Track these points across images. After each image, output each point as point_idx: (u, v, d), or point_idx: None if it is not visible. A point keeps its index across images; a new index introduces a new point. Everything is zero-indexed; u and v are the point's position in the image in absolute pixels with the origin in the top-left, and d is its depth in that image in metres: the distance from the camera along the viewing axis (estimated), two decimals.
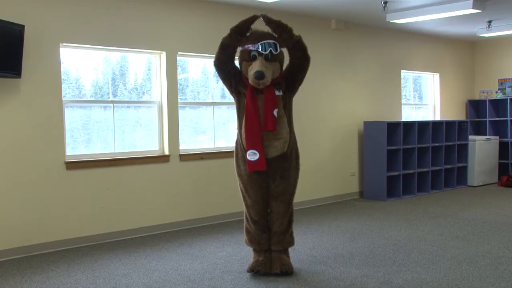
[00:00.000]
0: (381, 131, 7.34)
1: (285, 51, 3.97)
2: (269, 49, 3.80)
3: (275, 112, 3.81)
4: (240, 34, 3.87)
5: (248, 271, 3.97)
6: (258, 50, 3.79)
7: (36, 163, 4.77)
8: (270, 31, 3.95)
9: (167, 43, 5.64)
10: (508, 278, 3.79)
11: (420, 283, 3.71)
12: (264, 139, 3.83)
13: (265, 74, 3.72)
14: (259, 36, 3.86)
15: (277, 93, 3.88)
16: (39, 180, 4.79)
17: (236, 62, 4.01)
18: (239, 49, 3.92)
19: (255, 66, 3.75)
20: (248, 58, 3.83)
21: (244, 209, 4.07)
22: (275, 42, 3.85)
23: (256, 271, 3.94)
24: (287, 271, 3.91)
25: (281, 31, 3.91)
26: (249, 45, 3.82)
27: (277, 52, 3.85)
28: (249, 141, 3.82)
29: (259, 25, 4.02)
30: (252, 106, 3.80)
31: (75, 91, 5.28)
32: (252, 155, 3.81)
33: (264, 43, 3.80)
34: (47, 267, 4.32)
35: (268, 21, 3.93)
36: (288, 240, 4.02)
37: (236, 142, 4.06)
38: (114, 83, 5.51)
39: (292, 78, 3.99)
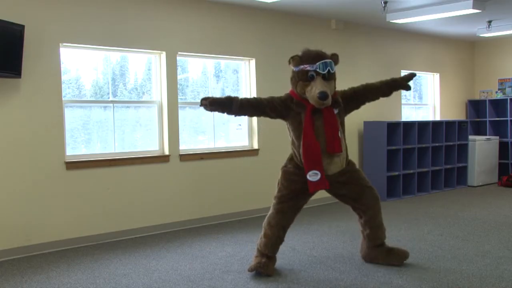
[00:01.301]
0: (381, 131, 7.34)
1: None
2: (327, 69, 3.80)
3: (340, 134, 3.88)
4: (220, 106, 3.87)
5: (249, 271, 3.98)
6: (317, 70, 3.77)
7: (36, 163, 4.77)
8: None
9: (167, 43, 5.64)
10: (508, 278, 3.79)
11: (420, 283, 3.71)
12: (326, 157, 3.85)
13: (329, 94, 3.74)
14: (316, 56, 3.83)
15: (335, 111, 3.91)
16: (39, 180, 4.79)
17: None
18: (291, 68, 3.90)
19: (317, 86, 3.73)
20: (305, 78, 3.79)
21: (272, 214, 4.01)
22: (331, 60, 3.85)
23: (258, 272, 3.94)
24: (406, 257, 4.15)
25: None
26: (306, 65, 3.78)
27: (333, 71, 3.87)
28: (309, 162, 3.82)
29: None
30: (311, 127, 3.81)
31: (75, 91, 5.28)
32: (314, 176, 3.83)
33: (323, 62, 3.79)
34: (47, 267, 4.32)
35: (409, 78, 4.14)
36: (384, 231, 4.19)
37: (291, 163, 4.02)
38: (114, 83, 5.51)
39: (356, 103, 4.12)
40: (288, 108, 3.92)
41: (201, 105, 3.83)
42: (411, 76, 4.15)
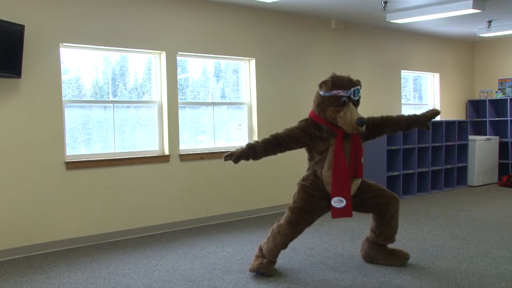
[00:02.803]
0: None
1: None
2: (358, 95, 3.86)
3: (362, 160, 3.91)
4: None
5: (250, 271, 3.97)
6: (351, 96, 3.80)
7: (36, 163, 4.77)
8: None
9: (167, 43, 5.64)
10: (508, 278, 3.79)
11: (420, 283, 3.71)
12: (351, 181, 3.91)
13: (365, 121, 3.78)
14: (349, 82, 3.86)
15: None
16: (39, 180, 4.79)
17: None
18: (320, 93, 3.88)
19: (353, 112, 3.76)
20: (338, 103, 3.79)
21: (284, 224, 3.96)
22: (360, 86, 3.91)
23: (259, 272, 3.93)
24: (407, 259, 4.20)
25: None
26: (339, 91, 3.78)
27: (359, 97, 3.92)
28: (337, 188, 3.83)
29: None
30: (343, 153, 3.82)
31: (75, 91, 5.28)
32: (338, 202, 3.85)
33: (356, 89, 3.84)
34: (47, 267, 4.32)
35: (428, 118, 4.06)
36: (395, 234, 4.25)
37: (313, 176, 3.98)
38: (114, 83, 5.51)
39: (373, 134, 4.11)
40: (311, 135, 3.91)
41: (225, 160, 3.82)
42: (434, 115, 4.06)
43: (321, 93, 3.86)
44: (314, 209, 3.97)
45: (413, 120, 4.09)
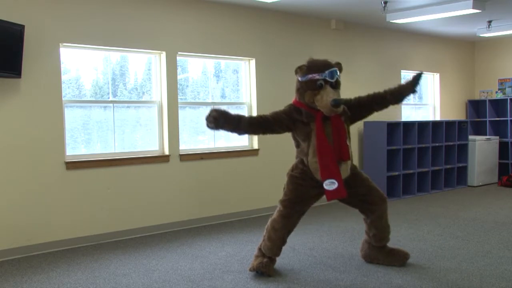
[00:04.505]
0: (381, 131, 7.34)
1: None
2: (335, 77, 3.83)
3: (348, 142, 3.89)
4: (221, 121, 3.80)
5: (250, 270, 3.98)
6: (326, 78, 3.79)
7: (36, 163, 4.77)
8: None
9: (167, 43, 5.64)
10: (508, 278, 3.79)
11: (420, 283, 3.71)
12: (338, 163, 3.87)
13: (341, 102, 3.77)
14: (324, 65, 3.86)
15: (342, 118, 3.93)
16: (39, 180, 4.79)
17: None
18: (297, 78, 3.90)
19: (329, 94, 3.74)
20: (314, 87, 3.80)
21: (277, 218, 3.98)
22: (337, 69, 3.88)
23: (259, 272, 3.94)
24: (407, 259, 4.19)
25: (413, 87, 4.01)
26: (314, 74, 3.79)
27: (339, 79, 3.90)
28: (325, 171, 3.81)
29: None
30: (324, 135, 3.80)
31: (75, 91, 5.27)
32: (330, 184, 3.81)
33: (331, 71, 3.82)
34: (47, 267, 4.32)
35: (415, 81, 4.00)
36: (389, 233, 4.21)
37: (301, 164, 3.96)
38: (114, 83, 5.51)
39: (361, 113, 4.12)
40: (294, 120, 3.91)
41: (210, 116, 3.74)
42: (417, 78, 4.03)
43: (299, 78, 3.89)
44: (304, 199, 3.97)
45: (399, 89, 4.06)
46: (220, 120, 3.74)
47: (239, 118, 3.84)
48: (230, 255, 4.58)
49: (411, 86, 4.02)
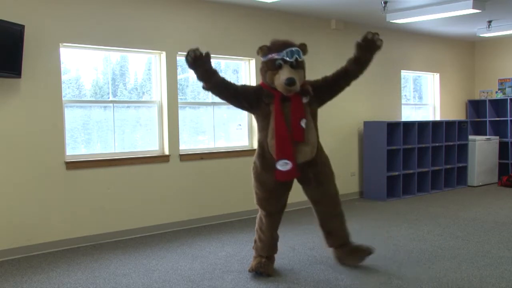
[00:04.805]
0: (381, 131, 7.34)
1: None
2: (294, 56, 3.78)
3: (302, 123, 3.78)
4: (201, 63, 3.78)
5: (249, 271, 3.98)
6: (284, 58, 3.76)
7: (36, 163, 4.77)
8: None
9: (167, 43, 5.64)
10: (508, 278, 3.79)
11: (420, 283, 3.71)
12: (292, 145, 3.78)
13: (296, 81, 3.72)
14: (283, 44, 3.83)
15: (304, 100, 3.85)
16: (39, 180, 4.79)
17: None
18: (260, 59, 3.92)
19: (284, 74, 3.71)
20: (273, 67, 3.78)
21: (260, 219, 4.02)
22: (299, 49, 3.83)
23: (258, 272, 3.94)
24: (369, 252, 4.10)
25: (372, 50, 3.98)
26: (273, 54, 3.79)
27: (301, 59, 3.84)
28: (280, 151, 3.76)
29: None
30: (281, 115, 3.76)
31: (75, 91, 5.28)
32: (284, 165, 3.76)
33: (289, 50, 3.78)
34: (47, 267, 4.32)
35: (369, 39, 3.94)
36: (344, 233, 4.13)
37: (260, 150, 3.94)
38: (114, 83, 5.51)
39: (329, 92, 4.08)
40: (258, 99, 3.88)
41: (193, 52, 3.69)
42: (370, 34, 3.94)
43: (261, 58, 3.91)
44: (274, 193, 3.92)
45: (355, 54, 4.08)
46: (198, 61, 3.72)
47: (215, 71, 3.84)
48: (230, 255, 4.58)
49: (364, 43, 3.99)
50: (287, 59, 3.75)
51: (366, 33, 3.93)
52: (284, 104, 3.79)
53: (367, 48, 4.01)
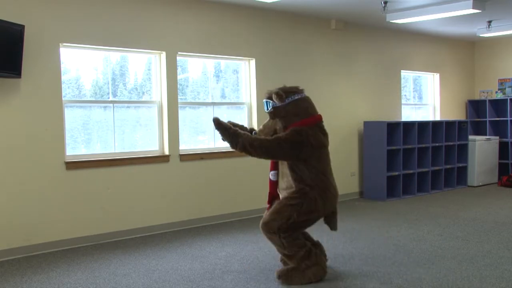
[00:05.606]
0: (381, 131, 7.34)
1: None
2: (266, 108, 3.94)
3: (271, 176, 3.95)
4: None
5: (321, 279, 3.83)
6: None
7: (36, 163, 4.77)
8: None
9: (167, 43, 5.63)
10: (508, 278, 3.79)
11: (420, 283, 3.71)
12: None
13: (257, 133, 4.03)
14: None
15: None
16: (39, 180, 4.79)
17: None
18: None
19: None
20: None
21: (297, 244, 3.82)
22: (268, 100, 3.90)
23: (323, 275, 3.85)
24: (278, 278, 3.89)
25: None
26: None
27: (268, 111, 3.92)
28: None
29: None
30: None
31: (75, 91, 5.27)
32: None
33: (264, 101, 3.96)
34: (47, 267, 4.32)
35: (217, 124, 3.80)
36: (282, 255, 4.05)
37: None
38: (114, 83, 5.51)
39: None
40: None
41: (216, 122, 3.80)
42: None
43: None
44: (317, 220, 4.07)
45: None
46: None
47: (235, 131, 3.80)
48: (230, 255, 4.58)
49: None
50: (265, 111, 3.99)
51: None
52: None
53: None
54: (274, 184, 3.97)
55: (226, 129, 3.76)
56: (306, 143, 3.73)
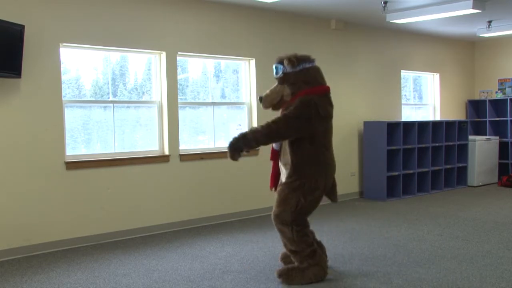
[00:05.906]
0: (381, 131, 7.34)
1: None
2: (275, 72, 3.87)
3: (274, 145, 3.88)
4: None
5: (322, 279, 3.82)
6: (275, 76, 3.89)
7: (36, 163, 4.77)
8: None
9: (167, 43, 5.64)
10: (508, 278, 3.79)
11: (420, 283, 3.71)
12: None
13: (263, 98, 3.92)
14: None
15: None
16: (39, 180, 4.79)
17: None
18: None
19: None
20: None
21: (305, 241, 3.76)
22: (278, 65, 3.84)
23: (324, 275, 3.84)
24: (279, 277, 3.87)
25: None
26: None
27: (279, 75, 3.84)
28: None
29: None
30: None
31: (75, 91, 5.28)
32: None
33: (273, 66, 3.88)
34: (47, 267, 4.32)
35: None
36: (288, 249, 4.00)
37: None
38: (114, 83, 5.51)
39: None
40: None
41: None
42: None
43: None
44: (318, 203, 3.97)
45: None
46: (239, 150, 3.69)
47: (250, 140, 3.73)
48: (230, 255, 4.58)
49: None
50: (274, 75, 3.90)
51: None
52: None
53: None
54: (276, 155, 3.89)
55: (237, 140, 3.65)
56: (315, 114, 3.68)
